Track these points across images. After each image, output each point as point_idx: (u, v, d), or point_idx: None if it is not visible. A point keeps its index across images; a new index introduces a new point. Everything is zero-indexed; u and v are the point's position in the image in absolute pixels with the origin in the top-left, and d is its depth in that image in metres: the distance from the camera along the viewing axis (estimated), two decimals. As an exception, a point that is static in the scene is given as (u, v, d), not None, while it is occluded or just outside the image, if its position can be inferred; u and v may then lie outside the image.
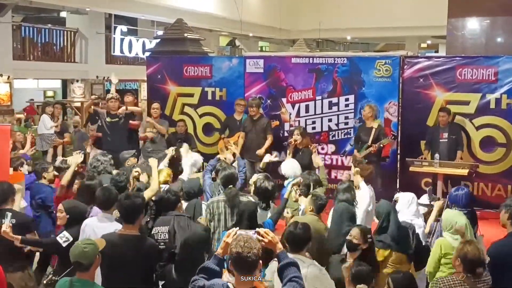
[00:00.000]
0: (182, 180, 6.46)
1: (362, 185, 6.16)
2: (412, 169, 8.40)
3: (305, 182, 5.90)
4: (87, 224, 4.88)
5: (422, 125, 8.89)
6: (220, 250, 3.33)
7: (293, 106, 9.60)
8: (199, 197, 5.97)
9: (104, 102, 10.65)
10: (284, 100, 9.65)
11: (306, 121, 9.43)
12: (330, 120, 9.41)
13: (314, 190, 5.67)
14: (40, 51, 16.40)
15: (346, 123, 9.32)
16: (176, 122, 9.83)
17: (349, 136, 9.25)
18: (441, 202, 5.94)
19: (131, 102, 9.62)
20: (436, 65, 8.91)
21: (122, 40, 18.02)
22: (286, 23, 23.39)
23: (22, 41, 15.65)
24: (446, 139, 8.51)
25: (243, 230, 3.40)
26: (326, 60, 9.45)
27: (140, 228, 4.63)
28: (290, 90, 9.61)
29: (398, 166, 9.09)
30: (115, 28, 17.84)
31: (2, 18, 14.02)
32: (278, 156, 9.40)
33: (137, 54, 18.42)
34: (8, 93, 14.14)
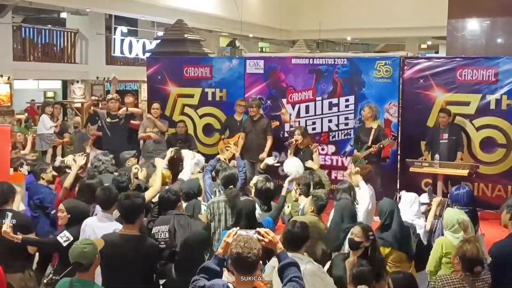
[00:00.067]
0: (182, 180, 6.46)
1: (362, 184, 6.16)
2: (412, 169, 8.40)
3: (305, 182, 5.89)
4: (87, 223, 4.89)
5: (422, 126, 8.89)
6: (220, 250, 3.32)
7: (293, 107, 9.60)
8: (198, 197, 5.97)
9: (104, 103, 10.66)
10: (284, 100, 9.65)
11: (306, 121, 9.43)
12: (330, 121, 9.41)
13: (315, 191, 5.67)
14: (40, 52, 16.41)
15: (346, 124, 9.32)
16: (176, 123, 9.83)
17: (349, 137, 9.25)
18: (439, 198, 5.95)
19: (132, 103, 9.61)
20: (436, 66, 8.90)
21: (122, 41, 18.04)
22: (286, 24, 23.39)
23: (22, 41, 15.66)
24: (446, 140, 8.51)
25: (244, 230, 3.39)
26: (326, 61, 9.46)
27: (140, 228, 4.63)
28: (290, 91, 9.61)
29: (398, 167, 9.08)
30: (115, 29, 17.85)
31: (2, 19, 14.03)
32: (278, 157, 9.45)
33: (137, 55, 18.44)
34: (8, 93, 14.16)
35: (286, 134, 9.59)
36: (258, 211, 5.51)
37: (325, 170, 9.09)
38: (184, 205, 5.66)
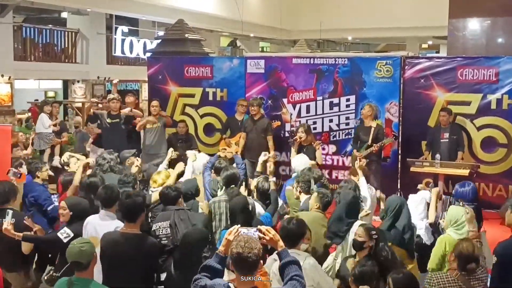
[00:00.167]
0: (180, 181, 6.49)
1: (362, 181, 6.19)
2: (413, 169, 8.39)
3: (305, 179, 5.88)
4: (89, 222, 4.90)
5: (423, 125, 8.88)
6: (221, 248, 3.32)
7: (294, 107, 9.60)
8: (196, 198, 5.97)
9: (105, 101, 10.67)
10: (285, 100, 9.64)
11: (307, 121, 9.41)
12: (331, 120, 9.41)
13: (318, 188, 5.67)
14: (41, 52, 16.43)
15: (347, 124, 9.30)
16: (177, 122, 9.83)
17: (350, 136, 9.23)
18: (437, 189, 5.93)
19: (132, 102, 9.62)
20: (437, 65, 8.90)
21: (123, 40, 18.05)
22: (286, 23, 23.40)
23: (23, 41, 15.68)
24: (447, 139, 8.51)
25: (245, 227, 3.39)
26: (327, 60, 9.45)
27: (141, 225, 4.64)
28: (291, 91, 9.60)
29: (399, 167, 9.07)
30: (116, 28, 17.87)
31: (3, 19, 14.04)
32: (279, 157, 9.46)
33: (138, 54, 18.46)
34: (9, 93, 14.17)
35: (287, 134, 9.59)
36: (260, 211, 5.52)
37: (326, 170, 9.12)
38: (183, 205, 5.68)
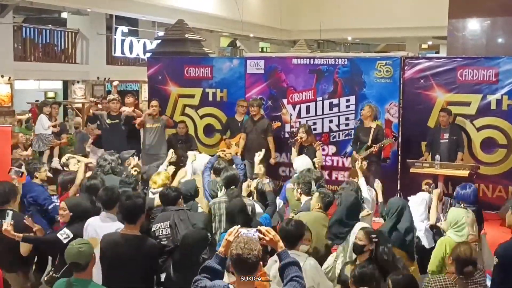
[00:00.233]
0: (180, 182, 6.49)
1: (362, 182, 6.19)
2: (412, 170, 8.39)
3: (305, 181, 5.88)
4: (89, 223, 4.89)
5: (423, 126, 8.87)
6: (222, 249, 3.31)
7: (294, 107, 9.59)
8: (196, 199, 5.97)
9: (105, 102, 10.67)
10: (285, 101, 9.64)
11: (306, 122, 9.41)
12: (331, 121, 9.40)
13: (320, 188, 5.67)
14: (41, 52, 16.43)
15: (347, 124, 9.29)
16: (177, 123, 9.83)
17: (349, 137, 9.23)
18: (439, 190, 5.93)
19: (132, 103, 9.64)
20: (436, 66, 8.89)
21: (123, 41, 18.06)
22: (286, 24, 23.40)
23: (23, 42, 15.68)
24: (446, 140, 8.50)
25: (245, 228, 3.38)
26: (326, 61, 9.44)
27: (141, 227, 4.64)
28: (290, 91, 9.60)
29: (399, 167, 9.06)
30: (116, 29, 17.87)
31: (3, 19, 14.04)
32: (278, 157, 9.45)
33: (138, 55, 18.46)
34: (9, 94, 14.17)
35: (286, 135, 9.58)
36: (261, 212, 5.53)
37: (326, 170, 9.11)
38: (182, 206, 5.67)
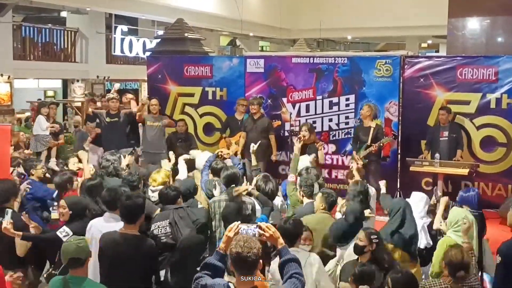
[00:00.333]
0: (179, 180, 6.49)
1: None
2: (412, 168, 8.40)
3: (307, 183, 5.87)
4: (93, 224, 4.86)
5: (423, 124, 8.88)
6: (222, 245, 3.30)
7: (293, 106, 9.59)
8: (195, 196, 5.97)
9: (104, 100, 10.68)
10: (284, 99, 9.64)
11: (306, 120, 9.42)
12: (331, 119, 9.41)
13: (323, 189, 5.67)
14: (40, 51, 16.41)
15: (347, 123, 9.30)
16: (176, 122, 9.83)
17: (349, 136, 9.24)
18: (446, 198, 5.92)
19: (129, 102, 9.69)
20: (436, 64, 8.90)
21: (123, 40, 18.04)
22: (286, 23, 23.39)
23: (23, 41, 15.66)
24: (446, 138, 8.51)
25: (245, 224, 3.37)
26: (326, 59, 9.44)
27: (140, 226, 4.63)
28: (290, 90, 9.60)
29: (399, 166, 9.08)
30: (116, 27, 17.86)
31: (3, 18, 14.03)
32: (278, 156, 9.45)
33: (137, 54, 18.44)
34: (8, 93, 14.15)
35: (286, 133, 9.59)
36: (258, 208, 5.54)
37: (325, 169, 9.12)
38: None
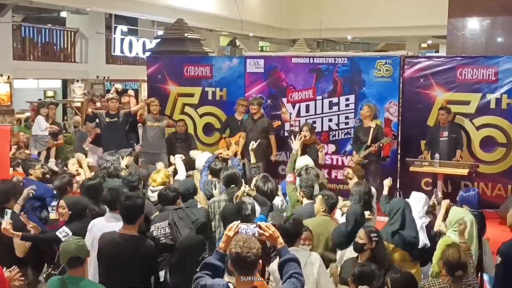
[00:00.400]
0: (178, 180, 6.49)
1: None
2: (412, 169, 8.40)
3: (308, 185, 5.87)
4: (95, 224, 4.86)
5: (423, 125, 8.88)
6: (222, 245, 3.30)
7: (293, 106, 9.59)
8: (194, 196, 5.97)
9: (103, 101, 10.67)
10: (284, 100, 9.64)
11: (306, 121, 9.42)
12: (331, 120, 9.41)
13: (323, 191, 5.67)
14: (40, 51, 16.40)
15: (347, 123, 9.30)
16: (176, 122, 9.83)
17: (349, 136, 9.24)
18: (448, 201, 5.92)
19: (128, 102, 9.69)
20: (436, 65, 8.90)
21: (123, 40, 18.03)
22: (286, 23, 23.39)
23: (22, 41, 15.65)
24: (446, 138, 8.51)
25: (245, 223, 3.36)
26: (326, 60, 9.44)
27: (139, 227, 4.63)
28: (290, 90, 9.60)
29: (399, 166, 9.08)
30: (115, 28, 17.85)
31: (2, 18, 14.03)
32: (278, 156, 9.45)
33: (137, 54, 18.43)
34: (8, 93, 14.15)
35: (286, 134, 9.59)
36: (258, 208, 5.53)
37: (325, 169, 9.11)
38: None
